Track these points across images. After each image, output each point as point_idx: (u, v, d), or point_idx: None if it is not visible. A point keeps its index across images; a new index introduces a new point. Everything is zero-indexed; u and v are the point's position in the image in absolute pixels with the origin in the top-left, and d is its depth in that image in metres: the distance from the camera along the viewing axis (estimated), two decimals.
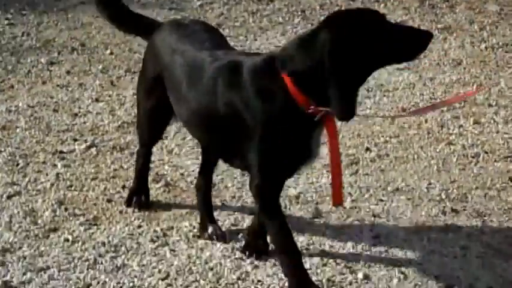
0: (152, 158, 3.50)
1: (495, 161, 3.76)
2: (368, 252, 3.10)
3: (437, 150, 3.87)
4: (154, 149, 3.50)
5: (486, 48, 5.11)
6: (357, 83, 2.69)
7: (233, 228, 3.28)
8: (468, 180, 3.60)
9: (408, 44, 2.67)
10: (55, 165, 3.75)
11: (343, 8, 5.73)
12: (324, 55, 2.63)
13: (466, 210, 3.38)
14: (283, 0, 5.98)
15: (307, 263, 2.98)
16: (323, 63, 2.64)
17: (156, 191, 3.54)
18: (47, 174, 3.67)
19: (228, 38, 5.28)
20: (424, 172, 3.68)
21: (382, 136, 4.01)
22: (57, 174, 3.68)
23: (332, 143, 2.80)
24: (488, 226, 3.26)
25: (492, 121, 4.17)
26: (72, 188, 3.56)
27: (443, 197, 3.48)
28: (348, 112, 2.68)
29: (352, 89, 2.67)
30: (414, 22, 5.49)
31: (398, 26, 2.84)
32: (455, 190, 3.53)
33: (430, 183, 3.59)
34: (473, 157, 3.79)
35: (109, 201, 3.47)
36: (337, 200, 2.86)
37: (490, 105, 4.34)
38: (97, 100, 4.45)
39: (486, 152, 3.83)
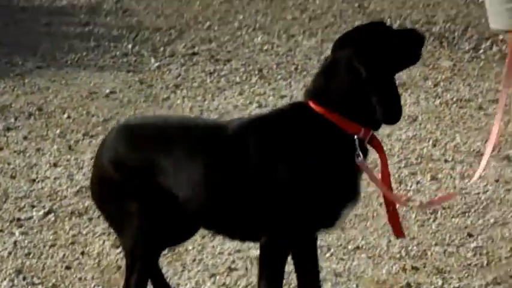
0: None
1: (453, 216, 3.79)
2: None
3: (396, 207, 3.89)
4: None
5: (441, 103, 5.19)
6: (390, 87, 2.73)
7: None
8: (427, 236, 3.62)
9: (411, 43, 2.77)
10: (12, 233, 3.71)
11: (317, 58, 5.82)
12: (358, 68, 2.65)
13: (426, 267, 3.40)
14: (240, 59, 6.03)
15: None
16: (358, 77, 2.65)
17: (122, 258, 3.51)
18: (4, 243, 3.63)
19: (185, 99, 5.39)
20: (383, 229, 3.70)
21: None
22: (15, 242, 3.63)
23: (383, 158, 2.77)
24: (448, 283, 3.28)
25: (449, 177, 4.21)
26: (31, 256, 3.52)
27: (403, 254, 3.50)
28: (397, 111, 2.73)
29: (391, 91, 2.72)
30: None
31: (399, 30, 2.90)
32: (415, 247, 3.55)
33: (390, 241, 3.60)
34: (431, 213, 3.81)
35: (68, 268, 3.43)
36: (398, 231, 2.79)
37: (446, 161, 4.39)
38: (55, 165, 4.42)
39: (444, 208, 3.86)
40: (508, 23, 3.00)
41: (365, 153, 2.74)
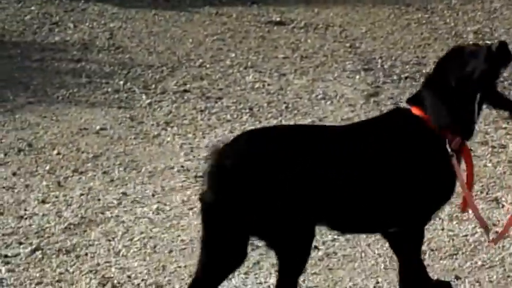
0: (98, 260, 3.46)
1: (441, 258, 3.79)
2: None
3: (385, 248, 3.88)
4: (101, 250, 3.46)
5: None
6: None
7: None
8: None
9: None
10: None
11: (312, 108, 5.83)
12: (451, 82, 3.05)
13: None
14: (231, 97, 6.05)
15: None
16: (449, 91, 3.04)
17: None
18: None
19: (176, 137, 5.40)
20: (371, 270, 3.69)
21: (330, 234, 4.03)
22: (1, 279, 3.61)
23: (469, 166, 3.14)
24: None
25: (437, 218, 4.22)
26: None
27: None
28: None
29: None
30: (360, 118, 5.57)
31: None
32: None
33: (377, 282, 3.60)
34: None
35: None
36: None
37: None
38: (43, 201, 4.41)
39: (432, 250, 3.86)
40: None
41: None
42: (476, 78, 3.04)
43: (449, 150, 3.02)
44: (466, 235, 4.01)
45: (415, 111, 3.09)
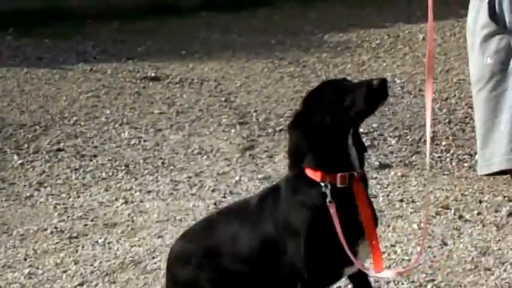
0: None
1: None
2: None
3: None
4: None
5: None
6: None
7: None
8: None
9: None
10: None
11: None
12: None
13: None
14: (107, 155, 6.00)
15: None
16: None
17: None
18: None
19: (49, 197, 5.30)
20: None
21: None
22: None
23: (363, 207, 3.02)
24: None
25: None
26: None
27: None
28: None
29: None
30: (236, 173, 5.61)
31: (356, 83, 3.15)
32: None
33: None
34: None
35: None
36: (378, 267, 2.98)
37: None
38: None
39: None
40: None
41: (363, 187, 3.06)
42: (354, 113, 2.99)
43: (327, 194, 2.98)
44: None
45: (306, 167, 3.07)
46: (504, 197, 4.95)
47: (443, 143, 5.89)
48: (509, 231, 4.51)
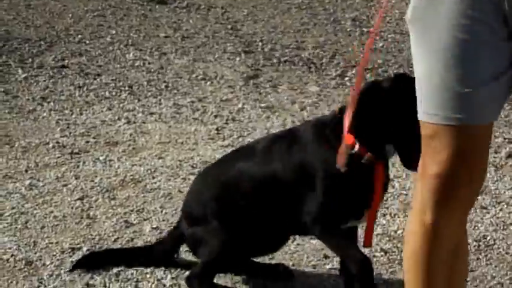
0: None
1: (311, 238, 3.87)
2: None
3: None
4: None
5: None
6: None
7: None
8: (285, 257, 3.69)
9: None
10: None
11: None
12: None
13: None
14: (111, 74, 6.00)
15: None
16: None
17: None
18: None
19: (52, 112, 5.31)
20: None
21: None
22: None
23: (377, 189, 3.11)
24: None
25: None
26: None
27: None
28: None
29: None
30: (239, 100, 5.62)
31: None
32: None
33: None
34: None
35: None
36: (368, 242, 3.13)
37: None
38: None
39: None
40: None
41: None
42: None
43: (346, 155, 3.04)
44: None
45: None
46: (504, 138, 4.98)
47: None
48: (507, 172, 4.55)
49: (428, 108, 2.32)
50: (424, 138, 2.37)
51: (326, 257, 3.67)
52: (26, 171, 4.45)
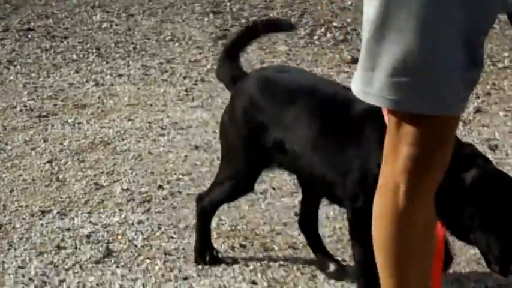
0: None
1: (282, 196, 3.88)
2: None
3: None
4: None
5: None
6: None
7: (20, 270, 3.21)
8: (256, 215, 3.70)
9: None
10: None
11: None
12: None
13: (254, 245, 3.47)
14: (78, 37, 5.95)
15: None
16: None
17: None
18: None
19: (19, 76, 5.26)
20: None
21: (175, 174, 4.06)
22: None
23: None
24: (274, 260, 3.37)
25: None
26: None
27: (233, 233, 3.56)
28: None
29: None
30: (208, 61, 5.59)
31: None
32: (244, 226, 3.61)
33: (220, 219, 3.65)
34: (261, 193, 3.89)
35: None
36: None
37: None
38: None
39: (274, 188, 3.95)
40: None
41: None
42: None
43: None
44: None
45: None
46: (472, 93, 4.99)
47: None
48: (475, 127, 4.58)
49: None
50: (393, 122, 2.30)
51: (296, 214, 3.68)
52: None
